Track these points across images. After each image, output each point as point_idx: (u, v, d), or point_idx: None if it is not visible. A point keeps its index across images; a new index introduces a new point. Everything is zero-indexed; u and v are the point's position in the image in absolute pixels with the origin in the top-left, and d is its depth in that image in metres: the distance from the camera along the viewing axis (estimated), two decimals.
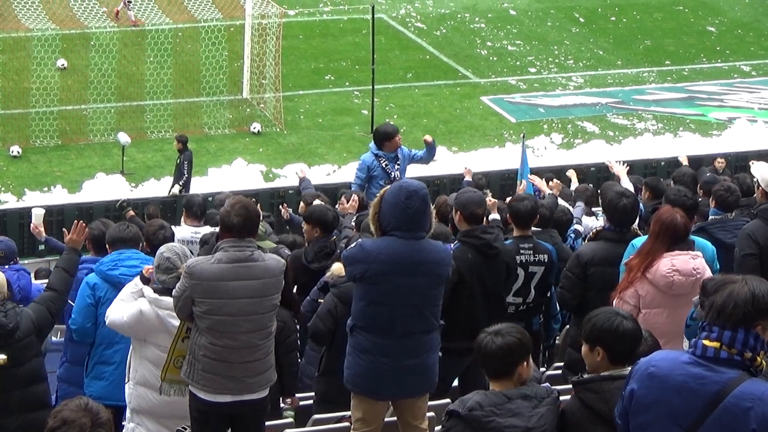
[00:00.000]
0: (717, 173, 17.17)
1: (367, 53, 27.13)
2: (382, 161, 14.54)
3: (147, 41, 28.30)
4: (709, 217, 10.51)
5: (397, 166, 14.60)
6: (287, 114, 26.35)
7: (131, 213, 15.97)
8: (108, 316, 7.96)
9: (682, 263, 7.90)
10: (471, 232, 8.82)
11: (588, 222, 12.75)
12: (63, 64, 27.20)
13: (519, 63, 30.23)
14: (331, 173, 24.03)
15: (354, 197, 12.58)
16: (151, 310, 7.76)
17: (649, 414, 5.13)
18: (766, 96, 29.25)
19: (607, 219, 9.08)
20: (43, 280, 11.33)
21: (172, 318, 7.70)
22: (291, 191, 20.55)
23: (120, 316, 7.83)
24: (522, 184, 13.70)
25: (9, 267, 10.02)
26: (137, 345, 7.91)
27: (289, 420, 8.48)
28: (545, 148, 25.98)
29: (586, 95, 28.82)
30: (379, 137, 14.76)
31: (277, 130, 25.93)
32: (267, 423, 7.96)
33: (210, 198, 16.15)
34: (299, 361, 9.44)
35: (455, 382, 8.95)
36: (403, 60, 29.80)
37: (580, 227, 12.18)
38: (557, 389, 5.90)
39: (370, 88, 26.33)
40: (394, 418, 7.79)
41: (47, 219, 19.95)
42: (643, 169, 20.82)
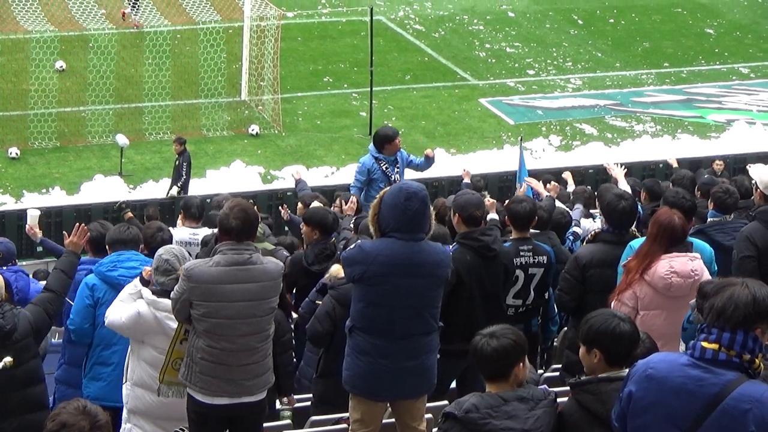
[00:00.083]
0: (715, 175, 17.17)
1: (366, 55, 27.11)
2: (382, 164, 14.50)
3: (145, 43, 28.29)
4: (708, 219, 10.52)
5: (397, 169, 14.58)
6: (285, 116, 26.33)
7: (129, 215, 15.94)
8: (107, 316, 7.99)
9: (681, 265, 7.91)
10: (469, 234, 8.83)
11: (586, 224, 12.74)
12: (61, 66, 27.17)
13: (517, 65, 30.21)
14: (329, 175, 24.01)
15: (352, 199, 12.57)
16: (149, 311, 7.77)
17: (648, 416, 5.13)
18: (764, 98, 29.24)
19: (605, 221, 9.08)
20: (42, 282, 11.32)
21: (169, 320, 7.71)
22: (289, 193, 20.51)
23: (118, 317, 7.85)
24: (522, 187, 13.68)
25: (7, 268, 10.00)
26: (135, 346, 7.93)
27: (287, 422, 8.47)
28: (543, 150, 25.96)
29: (584, 97, 28.80)
30: (380, 140, 14.70)
31: (276, 132, 25.91)
32: (265, 425, 7.96)
33: (208, 200, 16.13)
34: (295, 362, 9.44)
35: (453, 384, 8.95)
36: (401, 62, 29.78)
37: (579, 229, 12.17)
38: (554, 391, 5.90)
39: (369, 90, 26.31)
40: (392, 420, 7.79)
41: (46, 221, 19.99)
42: (642, 171, 20.82)
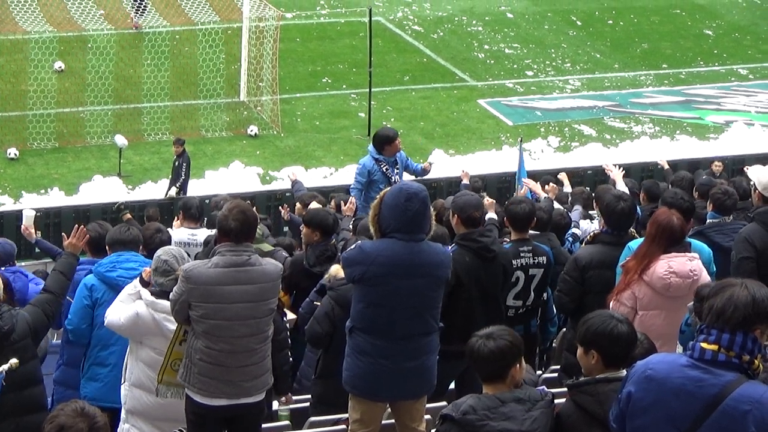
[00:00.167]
0: (714, 176, 17.17)
1: (365, 56, 27.10)
2: (383, 165, 14.46)
3: (144, 44, 28.28)
4: (707, 220, 10.52)
5: (396, 170, 14.56)
6: (284, 117, 26.32)
7: (128, 216, 15.93)
8: (106, 316, 8.00)
9: (679, 265, 7.91)
10: (468, 235, 8.82)
11: (585, 225, 12.74)
12: (60, 67, 27.16)
13: (516, 66, 30.21)
14: (328, 176, 24.00)
15: (351, 200, 12.58)
16: (148, 312, 7.77)
17: (647, 417, 5.13)
18: (763, 99, 29.24)
19: (604, 222, 9.08)
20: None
21: (167, 321, 7.71)
22: (288, 194, 20.49)
23: (117, 318, 7.86)
24: (523, 189, 13.67)
25: (5, 269, 9.99)
26: (134, 346, 7.94)
27: (286, 422, 8.46)
28: (542, 151, 25.95)
29: (583, 98, 28.79)
30: (380, 141, 14.65)
31: (274, 132, 25.90)
32: (264, 426, 7.96)
33: (207, 201, 16.12)
34: (293, 361, 9.42)
35: (452, 385, 8.95)
36: (400, 63, 29.77)
37: (578, 231, 12.16)
38: (553, 392, 5.90)
39: (368, 91, 26.30)
40: (391, 421, 7.78)
41: (44, 221, 19.98)
42: (640, 173, 20.78)
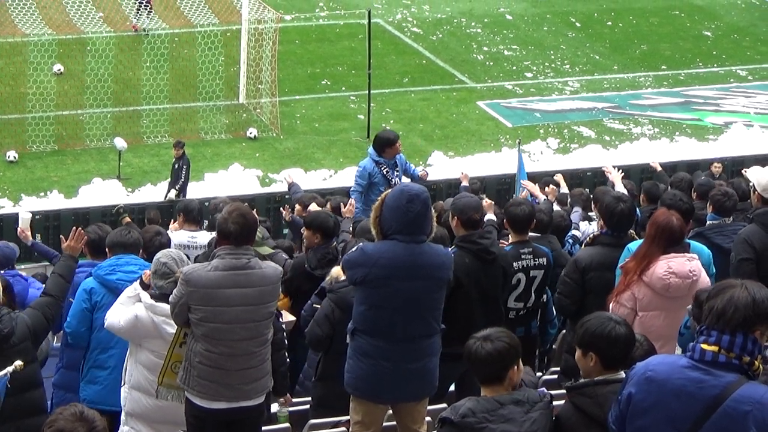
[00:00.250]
0: (713, 178, 17.17)
1: (364, 58, 27.11)
2: (383, 168, 14.43)
3: (143, 46, 28.29)
4: (707, 222, 10.52)
5: (396, 173, 14.54)
6: (284, 119, 26.32)
7: (127, 219, 15.93)
8: (106, 318, 8.01)
9: (679, 265, 7.91)
10: (468, 237, 8.82)
11: (584, 227, 12.73)
12: (59, 69, 27.16)
13: (515, 68, 30.21)
14: (327, 178, 24.00)
15: (351, 201, 12.59)
16: (147, 315, 7.78)
17: (647, 418, 5.12)
18: (762, 100, 29.24)
19: (604, 224, 9.07)
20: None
21: (166, 325, 7.71)
22: (287, 196, 20.51)
23: (117, 320, 7.86)
24: (524, 193, 13.66)
25: (5, 272, 9.99)
26: (133, 349, 7.94)
27: (286, 425, 8.46)
28: (541, 153, 25.95)
29: (582, 100, 28.79)
30: (381, 143, 14.62)
31: (274, 135, 25.90)
32: (264, 428, 7.95)
33: (206, 203, 16.11)
34: (290, 362, 9.42)
35: (452, 387, 8.94)
36: (399, 65, 29.77)
37: (578, 233, 12.15)
38: (552, 394, 5.89)
39: (367, 92, 26.31)
40: (392, 422, 7.78)
41: (44, 224, 20.00)
42: (640, 174, 20.77)
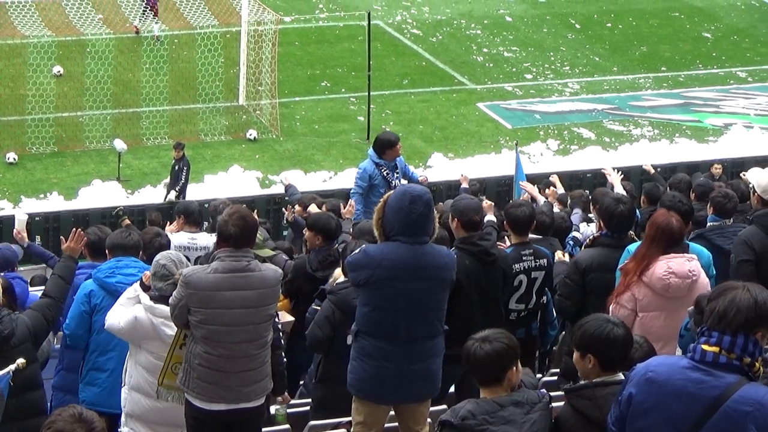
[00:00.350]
0: (713, 179, 17.17)
1: (363, 60, 27.13)
2: (383, 169, 14.41)
3: (143, 48, 28.31)
4: (708, 223, 10.52)
5: (396, 174, 14.53)
6: (283, 121, 26.33)
7: (127, 221, 15.92)
8: (107, 319, 8.01)
9: (678, 266, 7.92)
10: (468, 239, 8.81)
11: (584, 229, 12.73)
12: (59, 71, 27.18)
13: (515, 69, 30.22)
14: (327, 180, 24.01)
15: (351, 203, 12.60)
16: (146, 317, 7.77)
17: (648, 419, 5.12)
18: (762, 102, 29.26)
19: (604, 225, 9.06)
20: (39, 287, 11.30)
21: (165, 326, 7.71)
22: (286, 198, 20.51)
23: (117, 321, 7.87)
24: (524, 196, 13.65)
25: (5, 274, 9.98)
26: (133, 350, 7.94)
27: (286, 426, 8.46)
28: (541, 155, 25.96)
29: (582, 101, 28.81)
30: (381, 145, 14.59)
31: (274, 136, 25.91)
32: (264, 430, 7.94)
33: (206, 205, 16.11)
34: (285, 361, 9.41)
35: (451, 389, 8.93)
36: (399, 66, 29.79)
37: (579, 234, 12.14)
38: (551, 395, 5.89)
39: (366, 94, 26.32)
40: (393, 424, 7.78)
41: (44, 226, 20.01)
42: (639, 176, 20.77)
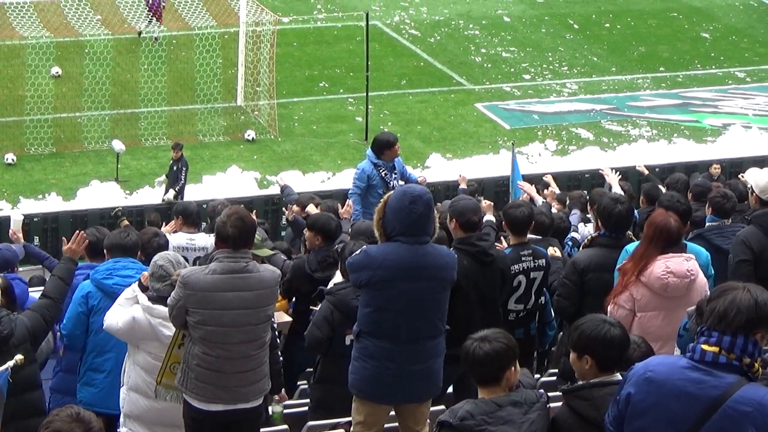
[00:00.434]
0: (711, 179, 17.18)
1: (362, 60, 27.12)
2: (381, 170, 14.40)
3: (141, 49, 28.30)
4: (706, 223, 10.53)
5: (395, 175, 14.52)
6: (281, 121, 26.32)
7: (125, 222, 15.92)
8: (105, 319, 8.01)
9: (676, 265, 7.92)
10: (466, 240, 8.82)
11: (582, 229, 12.73)
12: (57, 72, 27.16)
13: (513, 70, 30.22)
14: (325, 180, 24.01)
15: (349, 203, 12.61)
16: (144, 317, 7.78)
17: (647, 418, 5.12)
18: (760, 102, 29.26)
19: (602, 225, 9.07)
20: (38, 288, 11.30)
21: (163, 327, 7.71)
22: (284, 199, 20.50)
23: (115, 321, 7.87)
24: (524, 196, 13.64)
25: (4, 275, 9.98)
26: (132, 350, 7.95)
27: (284, 427, 8.46)
28: (539, 155, 25.96)
29: (580, 102, 28.81)
30: (380, 146, 14.56)
31: (272, 137, 25.90)
32: (262, 430, 7.94)
33: (204, 205, 16.11)
34: (281, 359, 9.41)
35: (449, 389, 8.93)
36: (397, 67, 29.78)
37: (577, 235, 12.15)
38: (549, 395, 5.89)
39: (365, 95, 26.31)
40: (394, 424, 7.78)
41: (42, 227, 20.02)
42: (638, 176, 20.80)
